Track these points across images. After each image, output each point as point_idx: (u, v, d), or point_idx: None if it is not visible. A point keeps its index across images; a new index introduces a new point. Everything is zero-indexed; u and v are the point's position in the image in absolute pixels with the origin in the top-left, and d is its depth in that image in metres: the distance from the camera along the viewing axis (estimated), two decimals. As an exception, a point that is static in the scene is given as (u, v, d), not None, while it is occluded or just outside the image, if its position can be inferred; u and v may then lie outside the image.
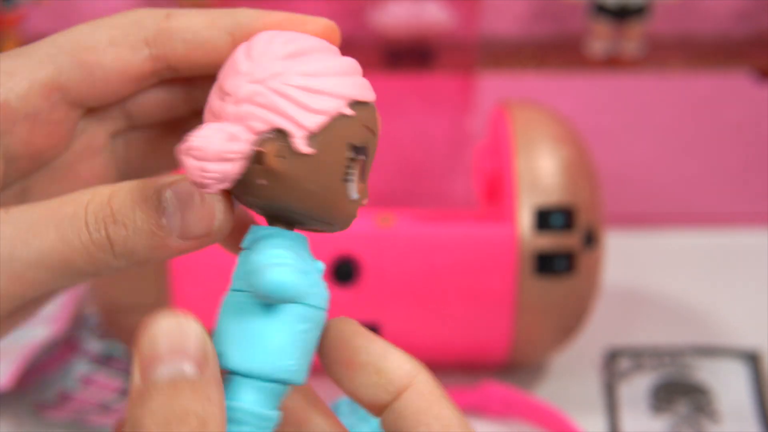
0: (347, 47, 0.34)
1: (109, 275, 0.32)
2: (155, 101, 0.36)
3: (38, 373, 0.59)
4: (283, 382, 0.30)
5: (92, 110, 0.35)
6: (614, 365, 0.62)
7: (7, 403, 0.57)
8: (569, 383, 0.61)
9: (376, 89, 0.33)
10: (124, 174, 0.37)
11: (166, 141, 0.37)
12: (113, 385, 0.59)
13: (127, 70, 0.34)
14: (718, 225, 0.79)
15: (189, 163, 0.30)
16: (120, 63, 0.33)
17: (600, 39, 0.79)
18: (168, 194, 0.31)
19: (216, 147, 0.29)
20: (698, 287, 0.69)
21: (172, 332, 0.28)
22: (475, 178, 0.66)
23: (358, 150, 0.31)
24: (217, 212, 0.31)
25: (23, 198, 0.35)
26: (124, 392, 0.58)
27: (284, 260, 0.30)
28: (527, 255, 0.56)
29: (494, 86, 0.76)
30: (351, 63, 0.32)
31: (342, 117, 0.30)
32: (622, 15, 0.78)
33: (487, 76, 0.77)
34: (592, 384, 0.61)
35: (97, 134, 0.36)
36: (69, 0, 0.82)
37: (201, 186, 0.30)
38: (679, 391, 0.60)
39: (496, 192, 0.60)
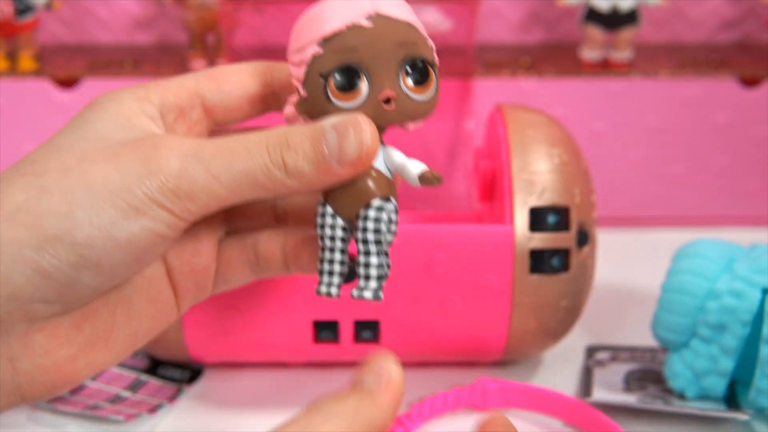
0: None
1: (284, 195, 0.42)
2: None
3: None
4: None
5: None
6: (593, 357, 0.62)
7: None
8: (554, 376, 0.61)
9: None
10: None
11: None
12: (125, 377, 0.59)
13: (246, 90, 0.45)
14: (708, 225, 0.79)
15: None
16: (242, 83, 0.45)
17: (592, 47, 0.80)
18: (329, 129, 0.40)
19: None
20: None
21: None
22: (474, 179, 0.66)
23: (338, 71, 0.40)
24: (364, 141, 0.40)
25: None
26: (135, 385, 0.59)
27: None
28: (523, 253, 0.55)
29: (490, 91, 0.76)
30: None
31: (315, 57, 0.40)
32: (613, 22, 0.79)
33: (484, 80, 0.77)
34: (573, 375, 0.61)
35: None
36: (82, 2, 0.83)
37: None
38: (651, 379, 0.59)
39: (494, 193, 0.60)
